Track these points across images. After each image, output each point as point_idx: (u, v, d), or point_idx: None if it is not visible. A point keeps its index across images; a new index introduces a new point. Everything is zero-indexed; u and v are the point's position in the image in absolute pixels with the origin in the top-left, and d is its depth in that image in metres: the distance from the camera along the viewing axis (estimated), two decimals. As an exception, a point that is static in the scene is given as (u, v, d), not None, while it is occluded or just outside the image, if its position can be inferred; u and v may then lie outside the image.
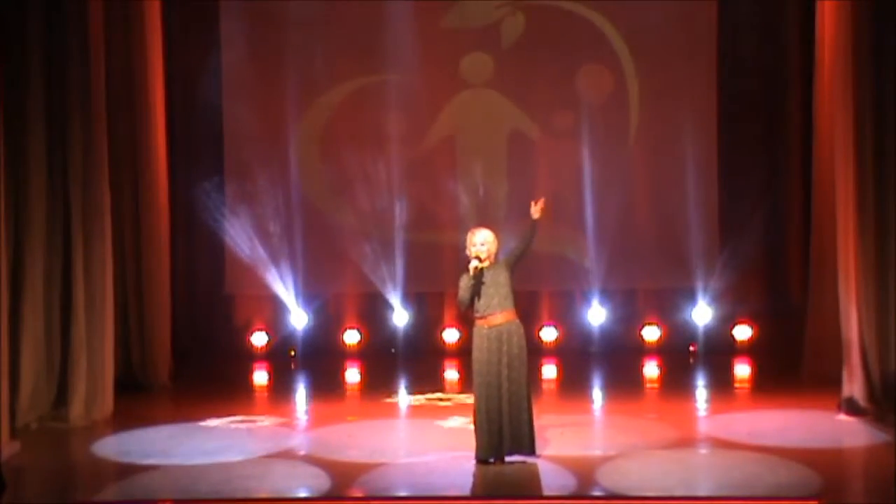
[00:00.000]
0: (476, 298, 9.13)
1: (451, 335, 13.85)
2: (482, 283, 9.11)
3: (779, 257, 13.91)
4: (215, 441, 10.21)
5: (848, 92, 10.57)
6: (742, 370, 13.23)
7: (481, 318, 9.16)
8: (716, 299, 13.83)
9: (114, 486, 9.16)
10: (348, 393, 12.81)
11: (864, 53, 10.45)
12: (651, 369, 13.40)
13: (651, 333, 13.90)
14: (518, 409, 9.13)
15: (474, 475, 9.06)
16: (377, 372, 13.28)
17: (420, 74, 13.86)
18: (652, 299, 14.01)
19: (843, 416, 10.60)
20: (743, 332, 13.83)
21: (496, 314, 9.13)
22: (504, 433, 9.11)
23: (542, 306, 14.02)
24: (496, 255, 9.26)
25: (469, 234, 9.25)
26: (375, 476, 9.14)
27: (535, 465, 9.23)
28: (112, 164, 11.43)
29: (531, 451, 9.22)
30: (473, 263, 9.09)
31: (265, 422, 11.02)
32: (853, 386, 10.61)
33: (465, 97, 14.01)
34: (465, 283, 9.14)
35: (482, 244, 9.15)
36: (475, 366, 9.16)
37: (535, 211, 9.23)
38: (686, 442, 10.15)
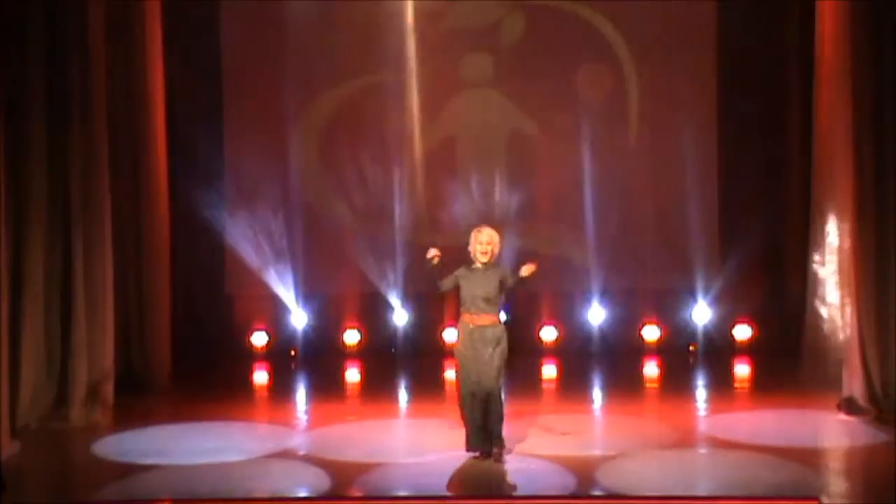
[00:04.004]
0: (468, 296, 9.24)
1: (451, 335, 13.84)
2: (475, 282, 9.20)
3: (779, 257, 13.91)
4: (215, 441, 10.22)
5: (848, 92, 10.58)
6: (742, 370, 13.23)
7: (467, 313, 9.26)
8: (716, 299, 13.84)
9: (114, 486, 9.15)
10: (348, 393, 12.81)
11: (864, 53, 10.46)
12: (651, 369, 13.40)
13: (651, 333, 13.90)
14: (490, 406, 9.17)
15: (474, 475, 9.07)
16: (377, 372, 13.28)
17: (420, 74, 13.86)
18: (652, 299, 14.00)
19: (843, 416, 10.61)
20: (743, 332, 13.82)
21: (481, 315, 9.22)
22: (477, 426, 9.22)
23: (542, 306, 14.03)
24: (499, 256, 9.30)
25: (474, 232, 9.32)
26: (375, 476, 9.15)
27: (534, 465, 9.25)
28: (112, 165, 11.43)
29: (495, 447, 9.28)
30: (431, 252, 9.25)
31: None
32: (853, 386, 10.62)
33: (464, 97, 14.01)
34: (453, 278, 9.29)
35: (487, 244, 9.24)
36: (458, 359, 9.29)
37: (525, 270, 9.21)
38: (686, 442, 10.16)
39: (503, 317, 9.42)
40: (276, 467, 9.47)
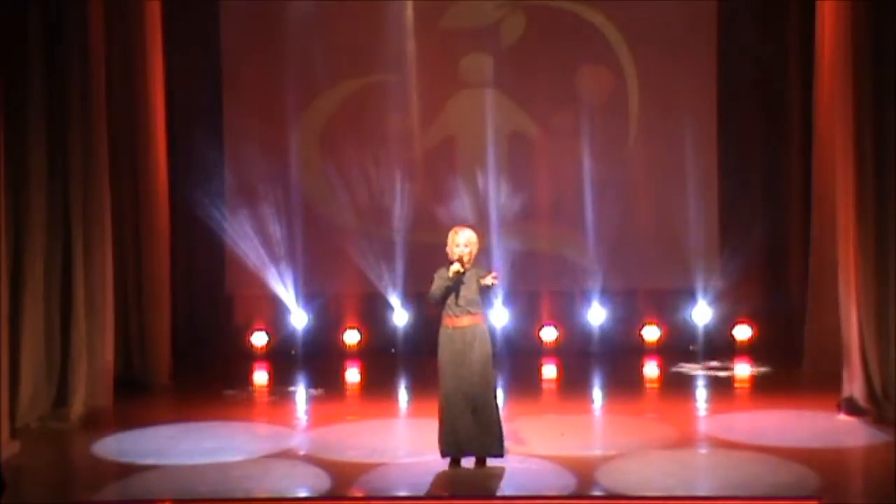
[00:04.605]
0: (449, 297, 9.13)
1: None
2: (461, 283, 9.10)
3: (779, 257, 13.91)
4: (215, 441, 10.22)
5: (848, 92, 10.57)
6: (742, 370, 13.23)
7: (447, 316, 9.15)
8: (716, 299, 13.83)
9: (114, 486, 9.16)
10: (348, 393, 12.81)
11: (864, 53, 10.45)
12: (651, 369, 13.40)
13: (651, 333, 13.90)
14: (482, 412, 9.04)
15: (473, 475, 9.06)
16: (377, 372, 13.28)
17: (420, 74, 13.86)
18: (652, 299, 14.00)
19: (843, 416, 10.60)
20: (743, 332, 13.82)
21: (462, 317, 9.11)
22: (465, 433, 9.03)
23: (542, 306, 14.03)
24: (475, 256, 9.22)
25: (451, 234, 9.19)
26: (375, 476, 9.15)
27: (534, 465, 9.25)
28: (112, 165, 11.44)
29: (499, 453, 9.16)
30: (455, 267, 9.05)
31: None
32: (853, 386, 10.62)
33: (464, 97, 14.01)
34: (440, 280, 9.12)
35: (465, 245, 9.10)
36: (440, 365, 9.12)
37: (488, 279, 9.11)
38: (686, 442, 10.15)
39: (500, 316, 9.35)
40: (276, 467, 9.46)
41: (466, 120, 13.99)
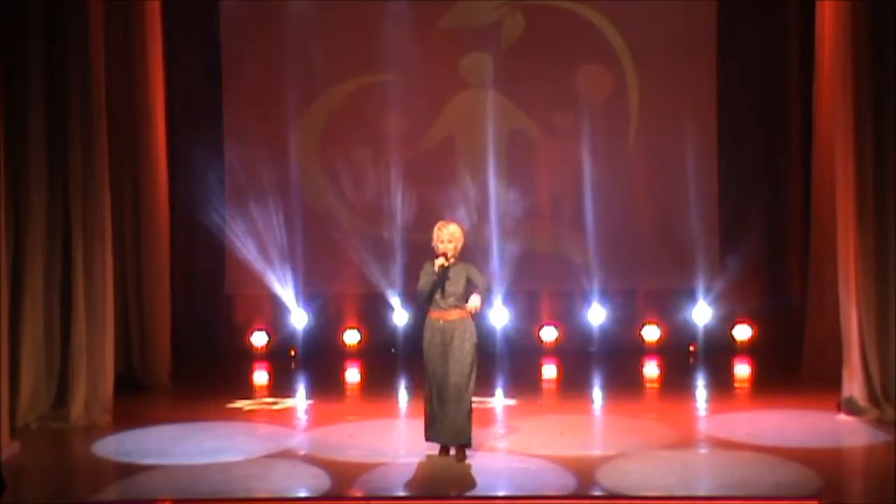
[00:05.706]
0: (436, 292, 9.26)
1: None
2: (447, 278, 9.22)
3: (779, 257, 13.92)
4: (215, 441, 10.21)
5: (848, 92, 10.58)
6: (742, 370, 13.23)
7: (436, 310, 9.28)
8: (716, 299, 13.84)
9: (114, 486, 9.16)
10: (348, 393, 12.81)
11: (864, 53, 10.46)
12: (651, 369, 13.40)
13: (651, 333, 13.90)
14: (459, 402, 9.21)
15: (473, 475, 9.07)
16: (377, 372, 13.28)
17: (420, 74, 13.87)
18: (652, 299, 14.01)
19: (843, 416, 10.61)
20: (743, 332, 13.83)
21: (450, 311, 9.25)
22: (444, 422, 9.25)
23: (542, 306, 14.04)
24: (460, 250, 9.31)
25: (436, 229, 9.34)
26: (375, 476, 9.15)
27: (534, 465, 9.25)
28: (112, 165, 11.43)
29: (468, 444, 9.34)
30: (439, 261, 9.20)
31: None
32: (853, 386, 10.62)
33: (465, 97, 14.02)
34: (426, 276, 9.27)
35: (449, 241, 9.25)
36: (425, 356, 9.30)
37: (471, 302, 9.29)
38: (686, 442, 10.15)
39: (500, 316, 9.39)
40: (277, 467, 9.46)
41: (466, 120, 14.00)
